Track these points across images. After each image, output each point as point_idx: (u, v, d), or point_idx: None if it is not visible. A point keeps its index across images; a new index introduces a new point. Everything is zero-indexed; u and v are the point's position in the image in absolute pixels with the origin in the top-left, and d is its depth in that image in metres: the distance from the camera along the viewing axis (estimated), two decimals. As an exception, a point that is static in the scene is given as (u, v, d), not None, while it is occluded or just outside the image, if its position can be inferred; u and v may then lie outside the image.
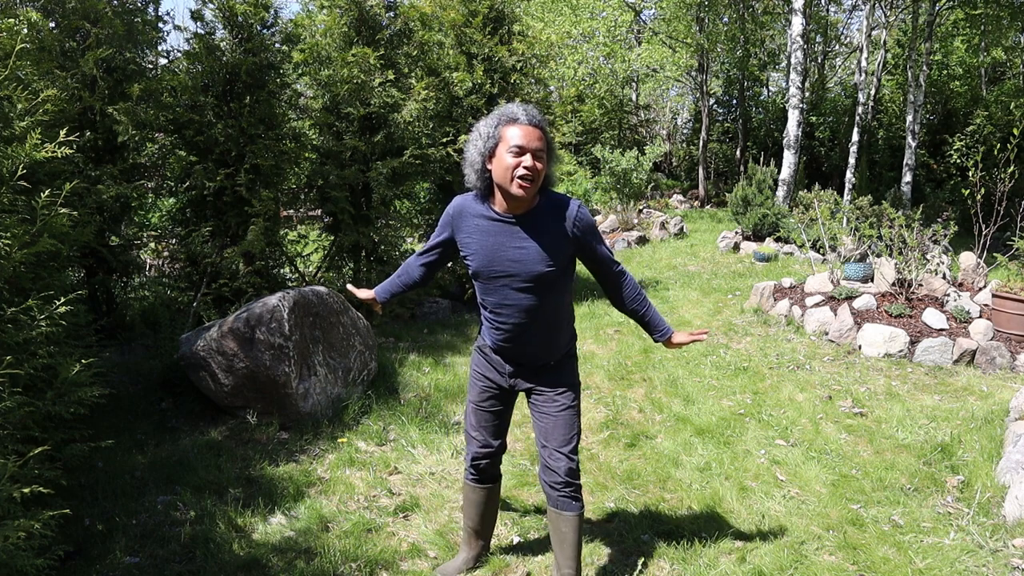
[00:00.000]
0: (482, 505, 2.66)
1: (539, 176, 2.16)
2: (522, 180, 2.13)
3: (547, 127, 2.22)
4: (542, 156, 2.16)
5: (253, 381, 3.86)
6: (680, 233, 12.22)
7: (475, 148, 2.22)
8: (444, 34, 6.96)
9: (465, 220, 2.31)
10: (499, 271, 2.26)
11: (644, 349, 5.71)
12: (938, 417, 4.29)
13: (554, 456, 2.39)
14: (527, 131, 2.14)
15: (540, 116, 2.19)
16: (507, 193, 2.18)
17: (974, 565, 2.79)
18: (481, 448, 2.56)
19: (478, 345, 2.55)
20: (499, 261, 2.25)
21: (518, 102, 2.27)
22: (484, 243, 2.26)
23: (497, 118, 2.19)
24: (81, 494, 3.13)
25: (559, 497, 2.41)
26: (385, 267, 6.24)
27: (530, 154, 2.13)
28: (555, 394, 2.40)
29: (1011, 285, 5.53)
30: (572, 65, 17.43)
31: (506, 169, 2.14)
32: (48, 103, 2.99)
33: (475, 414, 2.54)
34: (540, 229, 2.23)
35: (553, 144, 2.25)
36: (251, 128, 5.17)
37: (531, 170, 2.13)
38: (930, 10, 12.72)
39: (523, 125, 2.15)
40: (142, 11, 5.13)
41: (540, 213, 2.24)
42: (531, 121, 2.16)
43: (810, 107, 17.53)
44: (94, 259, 4.94)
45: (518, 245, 2.23)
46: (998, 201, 6.72)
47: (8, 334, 2.38)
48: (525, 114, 2.16)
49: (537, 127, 2.16)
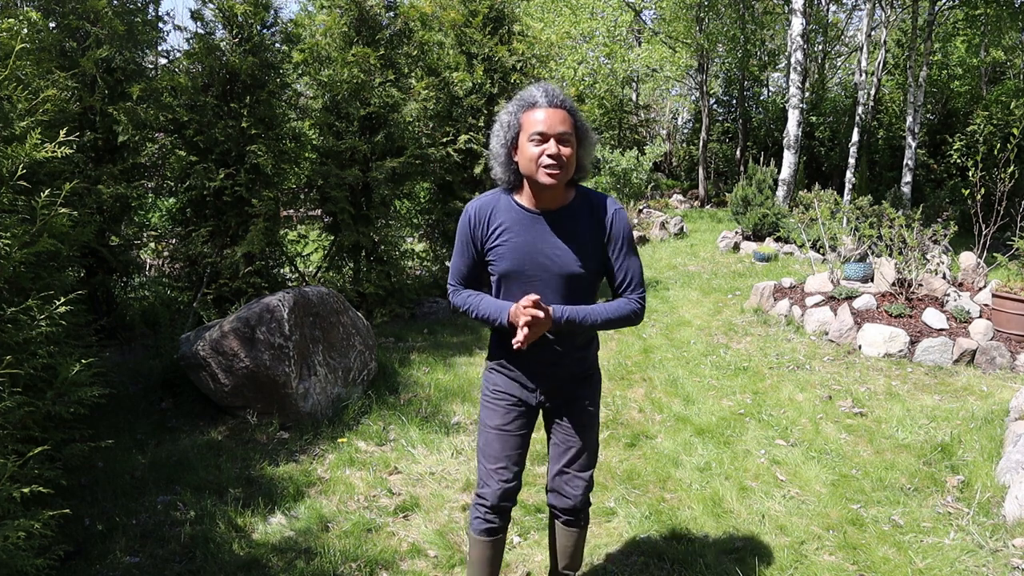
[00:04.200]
0: (496, 559, 2.28)
1: (568, 162, 1.95)
2: (549, 169, 1.93)
3: (573, 106, 2.00)
4: (569, 140, 1.95)
5: (253, 381, 3.86)
6: (680, 233, 12.22)
7: (498, 140, 2.03)
8: (444, 34, 6.96)
9: (492, 220, 2.06)
10: (532, 271, 2.03)
11: (644, 349, 5.71)
12: (938, 417, 4.29)
13: (574, 482, 2.20)
14: (549, 115, 1.93)
15: (563, 95, 1.98)
16: (536, 184, 1.98)
17: (974, 565, 2.79)
18: (508, 483, 2.15)
19: (494, 365, 2.22)
20: (533, 260, 2.03)
21: (537, 84, 2.03)
22: (516, 241, 2.03)
23: (517, 104, 2.00)
24: (81, 494, 3.13)
25: (568, 520, 2.27)
26: (385, 267, 6.24)
27: (554, 139, 1.93)
28: (582, 411, 2.19)
29: (1011, 285, 5.53)
30: (572, 65, 17.43)
31: (530, 160, 1.94)
32: (48, 103, 2.99)
33: (500, 441, 2.16)
34: (575, 227, 2.04)
35: (584, 125, 2.02)
36: (251, 128, 5.17)
37: (556, 157, 1.92)
38: (930, 10, 12.72)
39: (543, 108, 1.94)
40: (142, 11, 5.13)
41: (575, 209, 2.05)
42: (552, 102, 1.95)
43: (810, 107, 17.53)
44: (94, 259, 4.94)
45: (552, 242, 2.02)
46: (998, 201, 6.72)
47: (8, 334, 2.38)
48: (545, 96, 1.96)
49: (560, 107, 1.95)
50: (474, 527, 2.23)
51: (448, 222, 6.84)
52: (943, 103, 16.68)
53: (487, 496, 2.17)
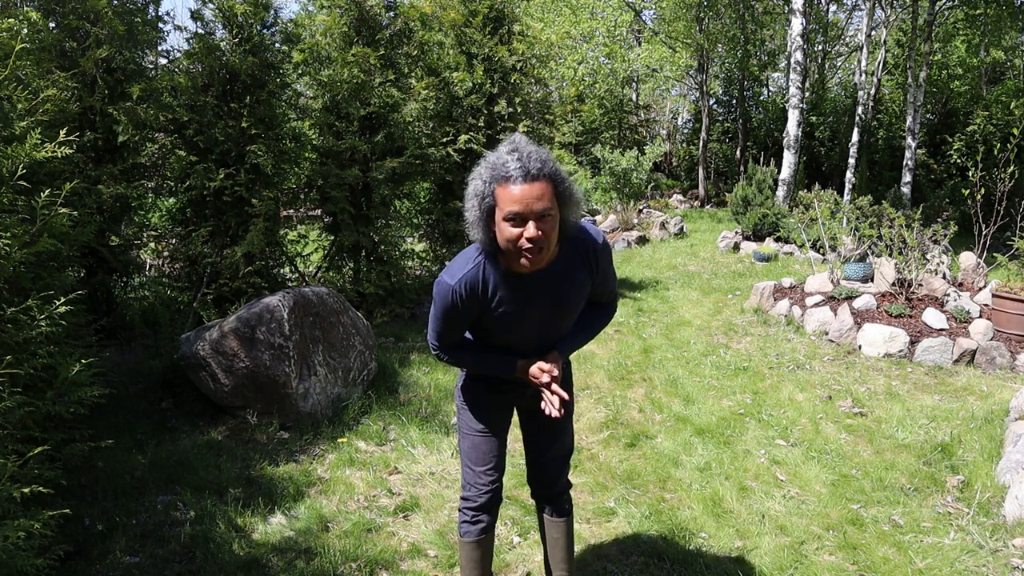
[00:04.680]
0: (487, 558, 2.32)
1: (549, 241, 1.78)
2: (528, 254, 1.77)
3: (553, 170, 1.78)
4: (549, 216, 1.76)
5: (253, 381, 3.86)
6: (680, 233, 12.22)
7: (473, 209, 1.83)
8: (444, 34, 6.96)
9: (483, 295, 1.92)
10: (530, 327, 2.00)
11: (644, 349, 5.71)
12: (938, 417, 4.29)
13: (554, 463, 2.30)
14: (524, 191, 1.72)
15: (540, 161, 1.76)
16: (513, 263, 1.85)
17: (974, 565, 2.79)
18: (493, 484, 2.19)
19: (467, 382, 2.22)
20: (532, 318, 1.98)
21: (512, 143, 1.80)
22: (515, 310, 1.94)
23: (489, 173, 1.78)
24: (81, 494, 3.13)
25: (556, 505, 2.35)
26: (385, 267, 6.24)
27: (532, 221, 1.74)
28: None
29: (1011, 285, 5.53)
30: (572, 65, 17.44)
31: (508, 240, 1.78)
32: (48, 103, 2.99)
33: (487, 443, 2.19)
34: (568, 277, 1.96)
35: (566, 188, 1.82)
36: (251, 128, 5.17)
37: (535, 240, 1.75)
38: (930, 10, 12.72)
39: (519, 184, 1.73)
40: (142, 11, 5.13)
41: (565, 261, 1.95)
42: (527, 174, 1.73)
43: (810, 107, 17.53)
44: (94, 259, 4.94)
45: (550, 296, 1.96)
46: (998, 201, 6.72)
47: (8, 334, 2.38)
48: (520, 167, 1.73)
49: (536, 179, 1.74)
50: (463, 531, 2.25)
51: (448, 222, 6.84)
52: (943, 103, 16.68)
53: (475, 499, 2.21)
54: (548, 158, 1.79)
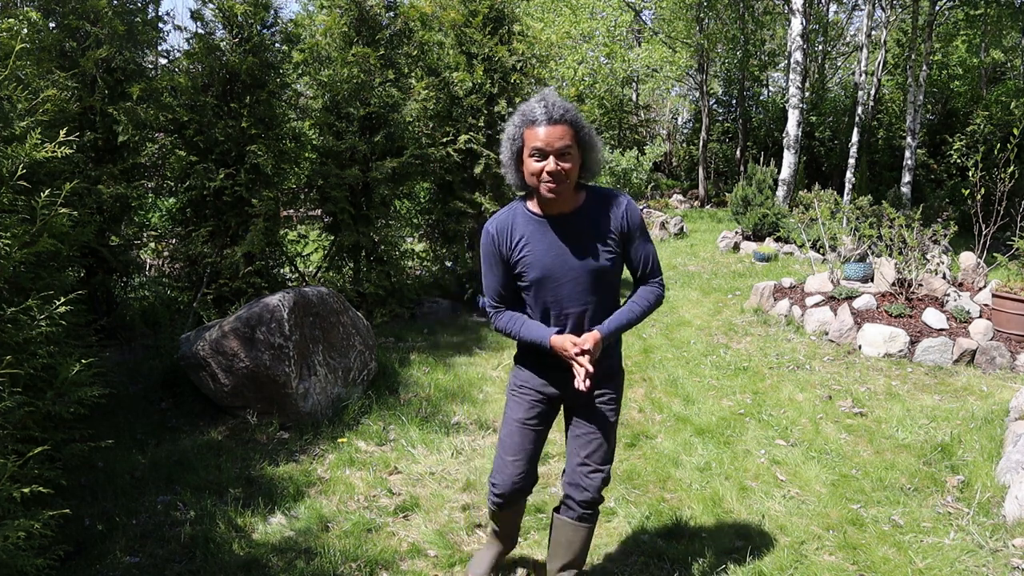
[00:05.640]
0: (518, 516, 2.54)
1: (567, 176, 2.05)
2: (547, 184, 2.04)
3: (575, 117, 2.06)
4: (568, 154, 2.04)
5: (253, 381, 3.86)
6: (680, 233, 12.22)
7: (506, 151, 2.13)
8: (444, 34, 6.96)
9: (513, 234, 2.18)
10: (560, 273, 2.15)
11: (644, 349, 5.71)
12: (938, 417, 4.29)
13: (594, 475, 2.28)
14: (548, 132, 2.02)
15: (563, 108, 2.04)
16: (539, 196, 2.12)
17: (974, 565, 2.79)
18: (519, 476, 2.31)
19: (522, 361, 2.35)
20: (559, 262, 2.15)
21: (541, 95, 2.09)
22: (540, 248, 2.15)
23: (520, 118, 2.08)
24: (81, 494, 3.13)
25: (584, 513, 2.32)
26: (385, 267, 6.24)
27: (552, 156, 2.02)
28: (604, 407, 2.28)
29: (1011, 285, 5.53)
30: (572, 65, 17.43)
31: (532, 174, 2.07)
32: (48, 103, 2.99)
33: (521, 434, 2.30)
34: (592, 226, 2.15)
35: (586, 134, 2.09)
36: (251, 128, 5.17)
37: (554, 174, 2.03)
38: (930, 10, 12.72)
39: (543, 125, 2.02)
40: (142, 11, 5.13)
41: (588, 210, 2.16)
42: (551, 118, 2.02)
43: (810, 107, 17.53)
44: (94, 259, 4.93)
45: (574, 243, 2.14)
46: (998, 201, 6.73)
47: (8, 334, 2.38)
48: (545, 112, 2.03)
49: (559, 122, 2.02)
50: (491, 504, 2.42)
51: (448, 222, 6.84)
52: (943, 103, 16.69)
53: (500, 485, 2.33)
54: (572, 107, 2.07)
